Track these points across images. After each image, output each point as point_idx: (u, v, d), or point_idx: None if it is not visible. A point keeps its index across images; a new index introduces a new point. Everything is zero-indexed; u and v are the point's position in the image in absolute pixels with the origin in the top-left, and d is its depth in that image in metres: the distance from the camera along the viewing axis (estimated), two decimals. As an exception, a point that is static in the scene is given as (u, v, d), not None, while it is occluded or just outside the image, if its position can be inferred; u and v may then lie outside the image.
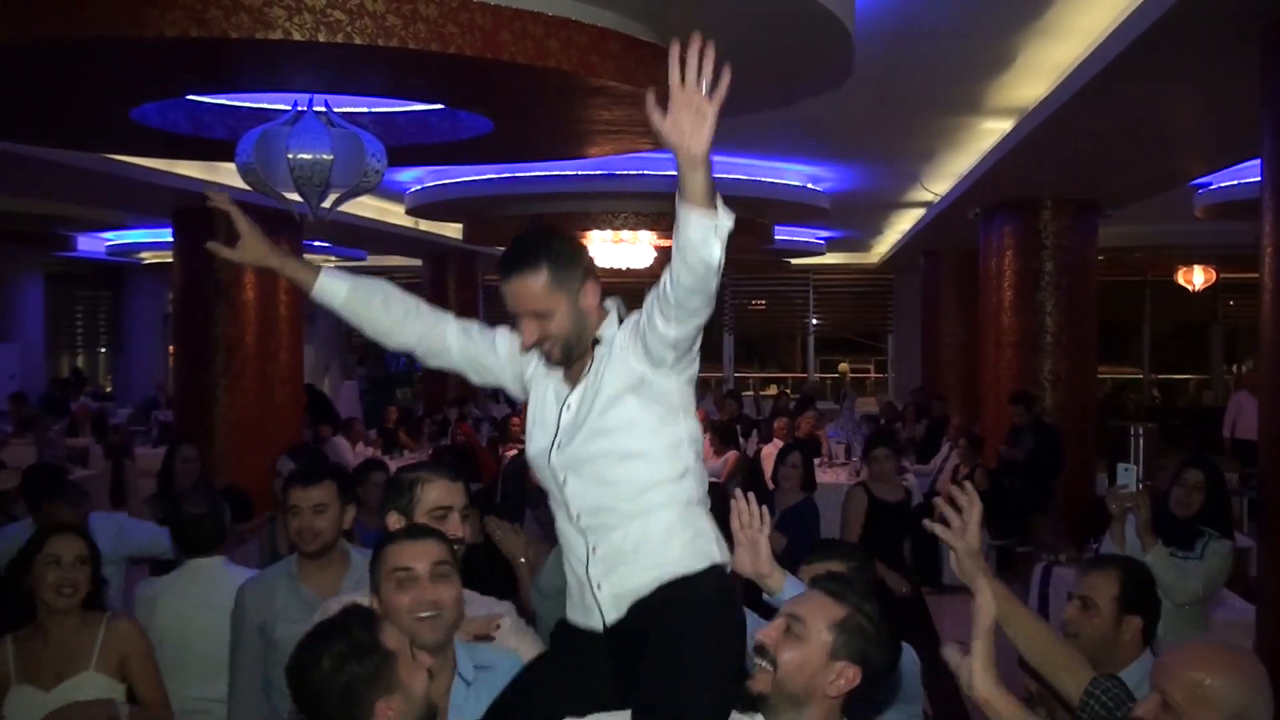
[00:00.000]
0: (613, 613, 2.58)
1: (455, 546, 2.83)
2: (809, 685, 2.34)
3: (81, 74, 5.06)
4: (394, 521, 2.93)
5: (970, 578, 2.59)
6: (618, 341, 2.60)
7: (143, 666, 3.56)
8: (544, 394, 2.71)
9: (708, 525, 2.63)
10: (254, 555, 5.68)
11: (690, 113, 2.24)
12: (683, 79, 2.24)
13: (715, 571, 2.58)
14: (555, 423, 2.64)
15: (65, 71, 4.97)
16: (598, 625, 2.60)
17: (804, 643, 2.34)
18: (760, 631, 2.42)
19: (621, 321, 2.65)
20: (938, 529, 2.66)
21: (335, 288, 2.74)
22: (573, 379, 2.65)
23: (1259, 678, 2.29)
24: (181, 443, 7.15)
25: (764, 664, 2.36)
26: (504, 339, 2.80)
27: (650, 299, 2.48)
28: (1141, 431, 11.97)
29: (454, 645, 2.71)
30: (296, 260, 2.85)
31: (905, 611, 6.19)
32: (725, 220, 2.31)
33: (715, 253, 2.32)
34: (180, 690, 3.78)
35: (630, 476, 2.57)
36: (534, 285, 2.53)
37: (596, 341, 2.62)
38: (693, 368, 2.62)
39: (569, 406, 2.63)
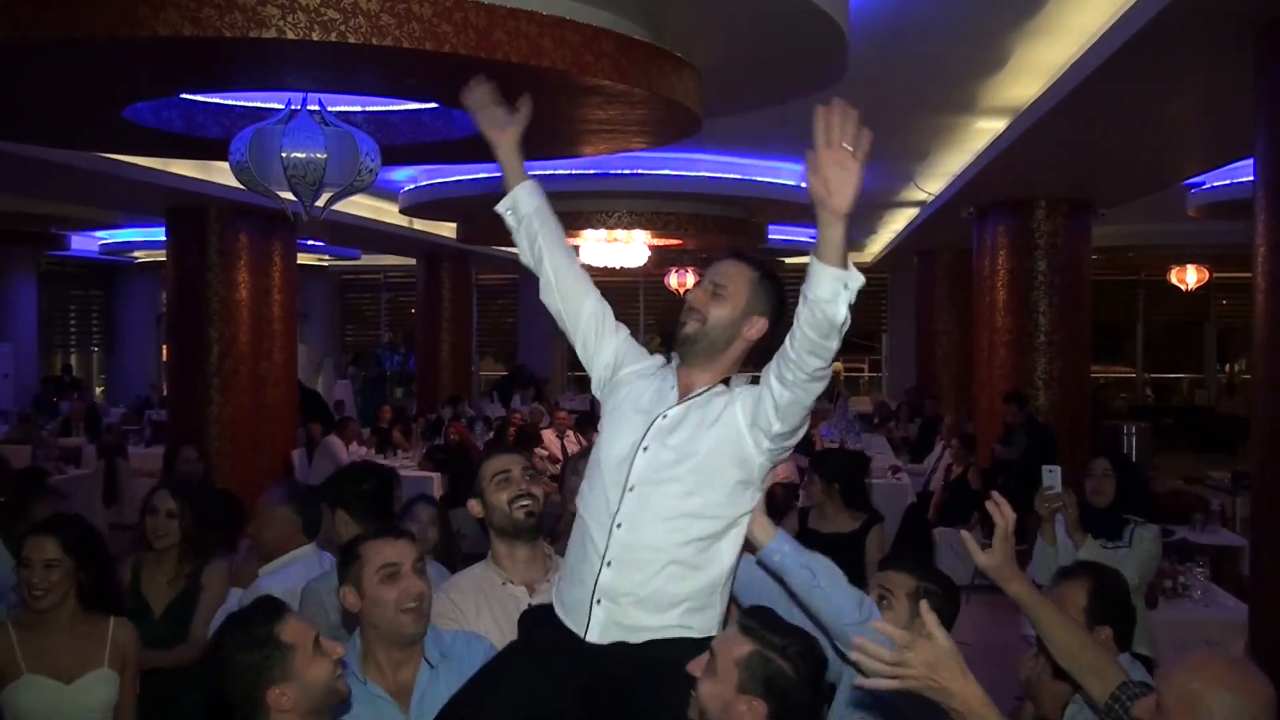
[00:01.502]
0: (596, 633, 2.60)
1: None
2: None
3: (75, 72, 5.05)
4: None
5: (1004, 581, 2.65)
6: (739, 392, 2.68)
7: (131, 676, 3.63)
8: (641, 392, 2.76)
9: (721, 604, 2.66)
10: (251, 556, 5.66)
11: (836, 170, 2.36)
12: (828, 140, 2.35)
13: (700, 642, 2.55)
14: (646, 425, 2.67)
15: (58, 70, 4.96)
16: (579, 631, 2.62)
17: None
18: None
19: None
20: (973, 548, 2.65)
21: (527, 200, 2.89)
22: (680, 393, 2.71)
23: (1256, 696, 2.27)
24: (183, 444, 7.14)
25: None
26: (622, 332, 2.90)
27: (772, 362, 2.58)
28: (1135, 430, 12.02)
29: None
30: (519, 160, 2.95)
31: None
32: (855, 280, 2.43)
33: (841, 312, 2.43)
34: None
35: (686, 521, 2.60)
36: (739, 273, 2.71)
37: (726, 383, 2.71)
38: (782, 455, 2.68)
39: (665, 415, 2.68)
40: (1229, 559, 8.37)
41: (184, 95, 5.95)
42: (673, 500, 2.60)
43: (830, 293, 2.42)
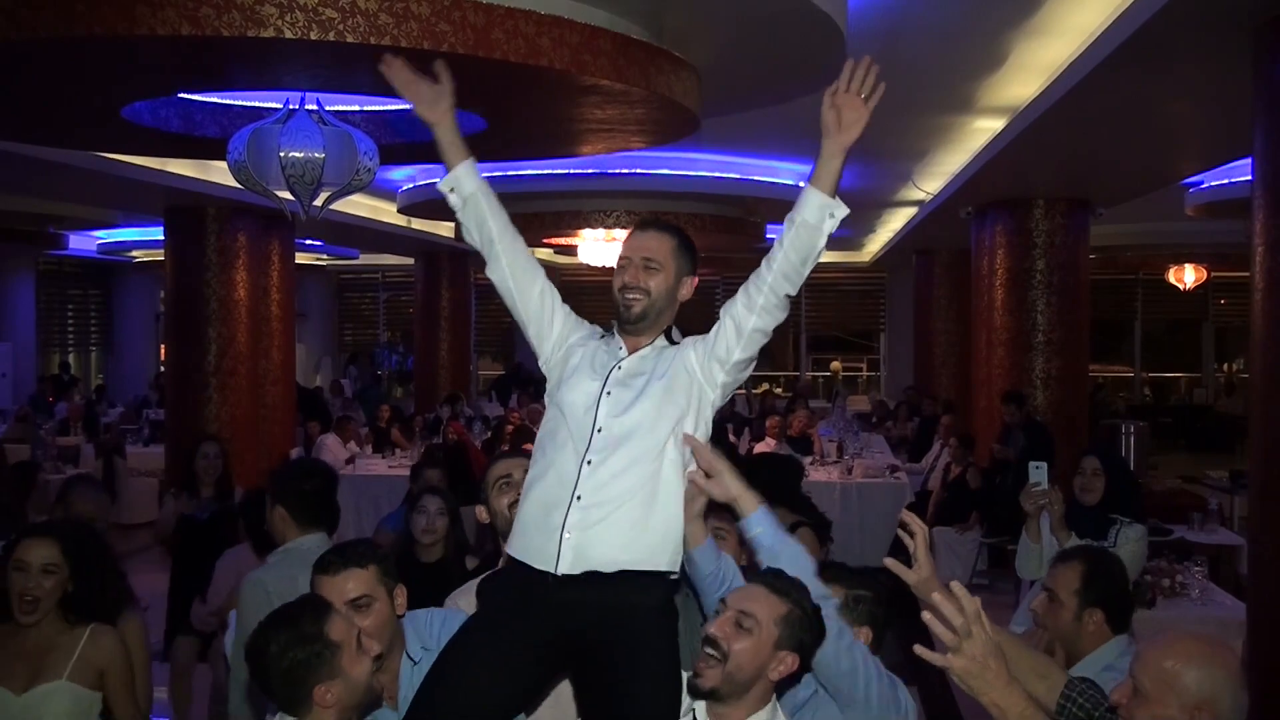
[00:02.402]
0: (567, 564, 2.67)
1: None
2: (758, 673, 2.55)
3: (73, 71, 5.04)
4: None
5: (928, 595, 2.61)
6: (687, 341, 2.91)
7: (120, 682, 3.45)
8: (594, 352, 2.92)
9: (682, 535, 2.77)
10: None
11: (851, 110, 2.73)
12: (849, 85, 2.73)
13: (671, 581, 2.77)
14: (605, 374, 2.84)
15: (57, 69, 4.95)
16: (549, 567, 2.69)
17: (754, 635, 2.54)
18: (711, 625, 2.59)
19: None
20: (892, 565, 2.68)
21: (469, 179, 2.93)
22: (629, 349, 2.90)
23: (1228, 669, 2.34)
24: (205, 439, 7.09)
25: (714, 655, 2.54)
26: (566, 308, 3.05)
27: (736, 295, 2.82)
28: (1133, 429, 12.02)
29: (403, 631, 2.93)
30: (458, 138, 2.95)
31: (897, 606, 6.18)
32: (840, 210, 2.74)
33: (823, 238, 2.74)
34: None
35: (647, 457, 2.74)
36: (661, 243, 2.89)
37: (669, 339, 2.92)
38: (730, 388, 2.87)
39: (620, 366, 2.86)
40: (1227, 558, 8.38)
41: (182, 95, 5.94)
42: (637, 437, 2.75)
43: (817, 217, 2.72)
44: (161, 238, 11.82)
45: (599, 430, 2.75)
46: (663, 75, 5.27)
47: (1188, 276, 18.06)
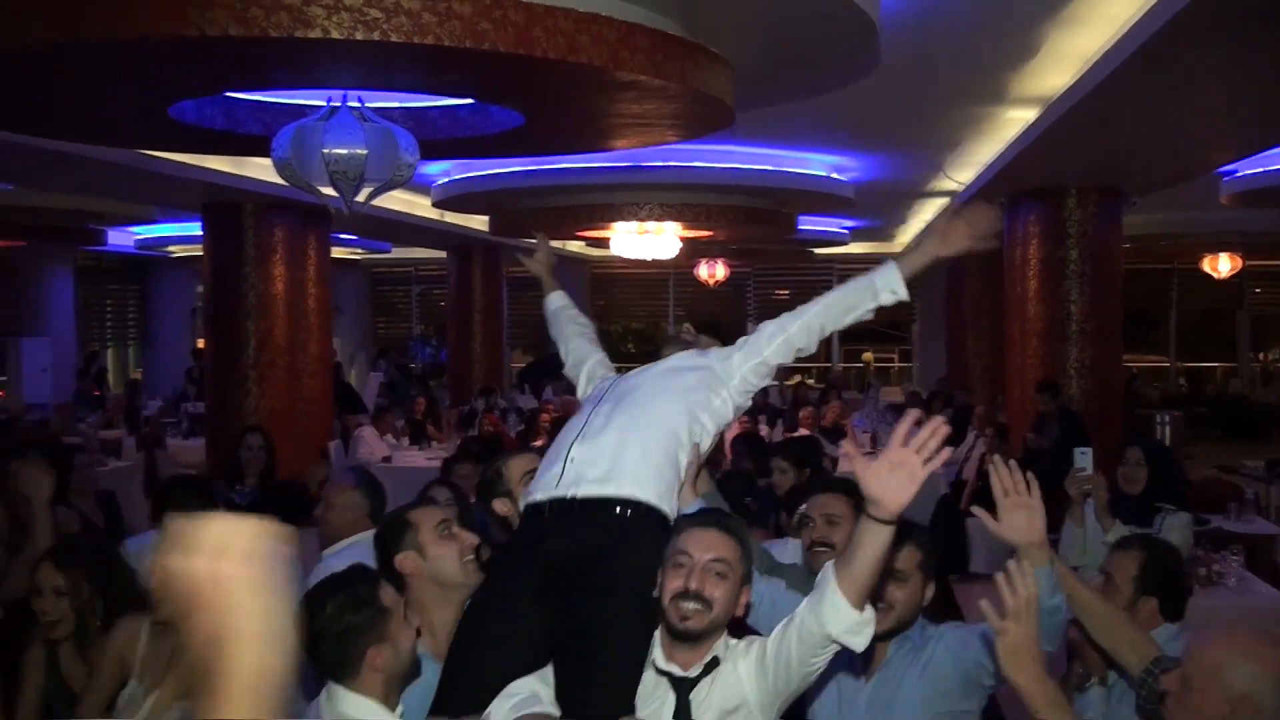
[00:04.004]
0: (568, 484, 2.87)
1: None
2: (730, 613, 2.68)
3: (122, 72, 5.15)
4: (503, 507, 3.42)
5: (1035, 561, 2.69)
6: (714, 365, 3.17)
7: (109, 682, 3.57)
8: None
9: (675, 482, 2.97)
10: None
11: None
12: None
13: (663, 519, 2.86)
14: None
15: (106, 71, 5.06)
16: (553, 491, 2.87)
17: (728, 579, 2.65)
18: (690, 579, 2.66)
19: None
20: (987, 521, 2.77)
21: (556, 301, 3.89)
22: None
23: (1275, 666, 2.36)
24: (250, 430, 7.21)
25: (699, 606, 2.63)
26: (594, 365, 3.59)
27: (766, 328, 3.18)
28: (1168, 419, 12.00)
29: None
30: (552, 280, 3.97)
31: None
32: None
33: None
34: None
35: (651, 416, 3.00)
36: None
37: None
38: (744, 400, 3.17)
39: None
40: (1264, 547, 8.36)
41: (228, 93, 6.05)
42: (644, 399, 3.04)
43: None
44: (198, 233, 11.96)
45: (610, 392, 3.12)
46: (698, 70, 5.33)
47: (1223, 265, 17.94)
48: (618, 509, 2.82)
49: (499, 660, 2.75)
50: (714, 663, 2.65)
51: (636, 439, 2.91)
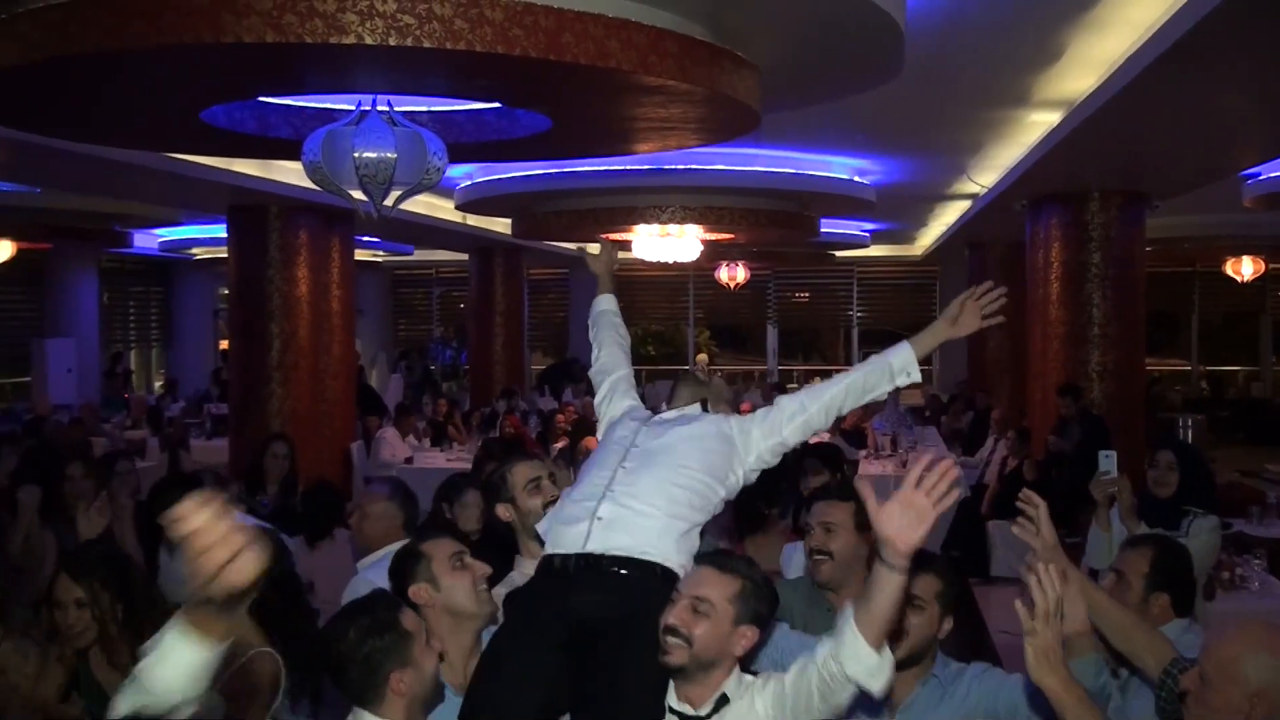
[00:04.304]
0: (595, 543, 2.92)
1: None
2: (721, 652, 2.67)
3: (158, 78, 5.22)
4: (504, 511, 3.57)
5: (1079, 651, 2.75)
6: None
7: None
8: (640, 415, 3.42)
9: (693, 550, 3.02)
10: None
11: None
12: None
13: (674, 580, 2.88)
14: (646, 421, 3.31)
15: (143, 76, 5.13)
16: (577, 546, 2.92)
17: (710, 618, 2.65)
18: (669, 614, 2.70)
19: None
20: (1017, 529, 2.91)
21: (605, 303, 3.89)
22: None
23: None
24: (275, 437, 7.27)
25: (678, 641, 2.65)
26: (619, 379, 3.64)
27: (786, 406, 3.22)
28: (1190, 423, 11.97)
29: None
30: (609, 283, 4.00)
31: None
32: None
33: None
34: None
35: (678, 476, 3.06)
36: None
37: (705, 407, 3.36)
38: (754, 476, 3.24)
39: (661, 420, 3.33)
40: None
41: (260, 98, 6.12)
42: (672, 465, 3.07)
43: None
44: (221, 235, 12.06)
45: (635, 446, 3.15)
46: (726, 75, 5.37)
47: (1245, 268, 17.86)
48: (641, 573, 2.89)
49: (519, 706, 2.81)
50: (724, 700, 2.67)
51: (663, 506, 2.97)
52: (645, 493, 2.99)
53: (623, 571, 2.89)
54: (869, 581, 2.53)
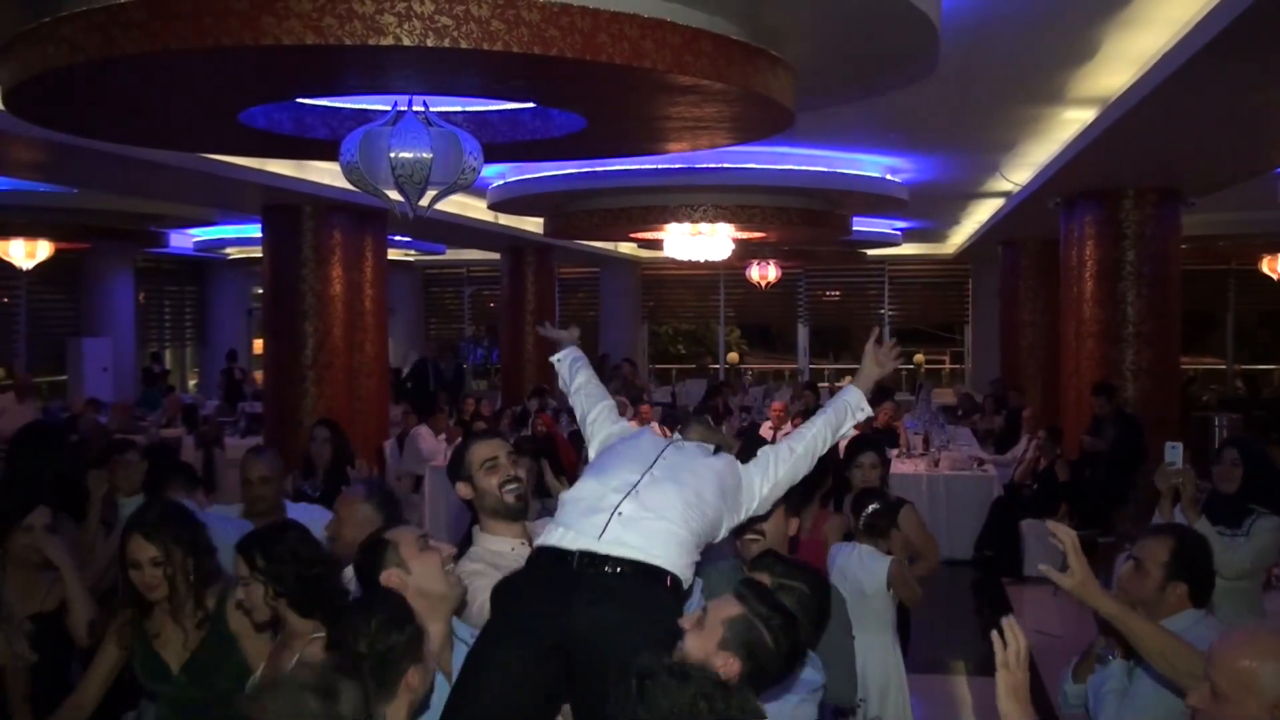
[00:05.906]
0: (608, 540, 3.02)
1: None
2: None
3: (199, 80, 5.28)
4: (464, 489, 3.69)
5: (1090, 599, 2.91)
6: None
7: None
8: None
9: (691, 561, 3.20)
10: None
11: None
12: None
13: (681, 590, 3.10)
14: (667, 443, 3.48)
15: (183, 79, 5.19)
16: (589, 544, 3.02)
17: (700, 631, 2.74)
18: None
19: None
20: (1053, 575, 3.03)
21: (569, 356, 4.16)
22: None
23: None
24: (316, 423, 7.36)
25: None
26: (621, 423, 3.85)
27: (770, 458, 3.50)
28: (1226, 422, 11.86)
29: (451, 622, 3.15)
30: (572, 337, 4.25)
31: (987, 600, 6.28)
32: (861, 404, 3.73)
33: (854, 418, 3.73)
34: None
35: (688, 509, 3.19)
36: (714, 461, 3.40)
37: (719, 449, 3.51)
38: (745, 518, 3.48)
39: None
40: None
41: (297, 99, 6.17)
42: (699, 484, 3.25)
43: (855, 398, 3.73)
44: (256, 235, 12.15)
45: (663, 457, 3.33)
46: (760, 74, 5.38)
47: (1281, 266, 17.69)
48: (645, 577, 3.00)
49: (505, 707, 2.87)
50: None
51: (677, 518, 3.12)
52: (666, 502, 3.14)
53: (626, 572, 2.99)
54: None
